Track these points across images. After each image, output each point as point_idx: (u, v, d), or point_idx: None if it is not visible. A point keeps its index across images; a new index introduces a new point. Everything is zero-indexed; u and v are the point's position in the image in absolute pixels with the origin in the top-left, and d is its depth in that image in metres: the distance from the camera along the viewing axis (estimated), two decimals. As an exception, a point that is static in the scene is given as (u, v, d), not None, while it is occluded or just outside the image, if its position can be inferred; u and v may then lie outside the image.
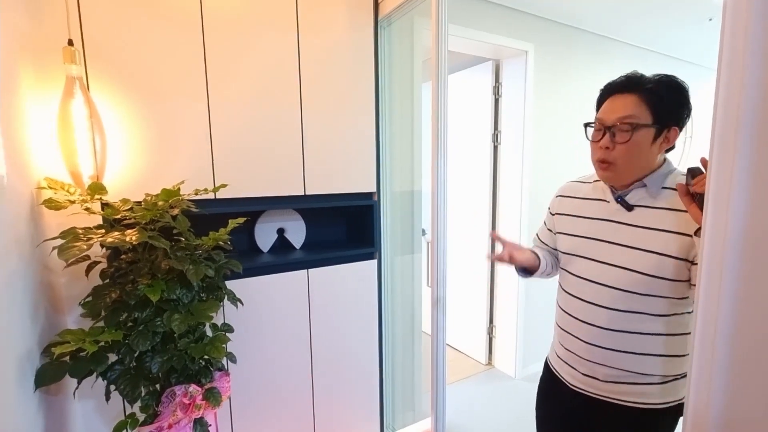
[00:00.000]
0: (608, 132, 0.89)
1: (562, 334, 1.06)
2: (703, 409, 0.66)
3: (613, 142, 0.89)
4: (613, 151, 0.89)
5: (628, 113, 0.87)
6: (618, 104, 0.89)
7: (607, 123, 0.89)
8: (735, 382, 0.62)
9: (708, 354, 0.65)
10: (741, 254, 0.61)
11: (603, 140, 0.90)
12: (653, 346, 0.90)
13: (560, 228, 1.09)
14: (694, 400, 0.67)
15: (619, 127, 0.87)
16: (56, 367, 0.92)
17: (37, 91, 1.10)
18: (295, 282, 1.57)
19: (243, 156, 1.41)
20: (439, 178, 1.37)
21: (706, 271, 0.64)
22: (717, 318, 0.63)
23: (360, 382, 1.78)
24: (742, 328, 0.61)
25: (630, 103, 0.87)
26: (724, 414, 0.63)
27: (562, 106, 2.51)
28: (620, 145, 0.88)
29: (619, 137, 0.88)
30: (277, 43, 1.43)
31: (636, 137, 0.86)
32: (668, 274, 0.86)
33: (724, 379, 0.63)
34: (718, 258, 0.63)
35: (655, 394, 0.92)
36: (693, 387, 0.68)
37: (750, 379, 0.60)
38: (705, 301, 0.65)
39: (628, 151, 0.88)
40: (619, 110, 0.88)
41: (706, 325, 0.65)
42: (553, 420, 1.13)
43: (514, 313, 2.57)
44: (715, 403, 0.64)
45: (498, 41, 2.17)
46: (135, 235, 0.94)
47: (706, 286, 0.64)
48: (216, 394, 1.10)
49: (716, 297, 0.63)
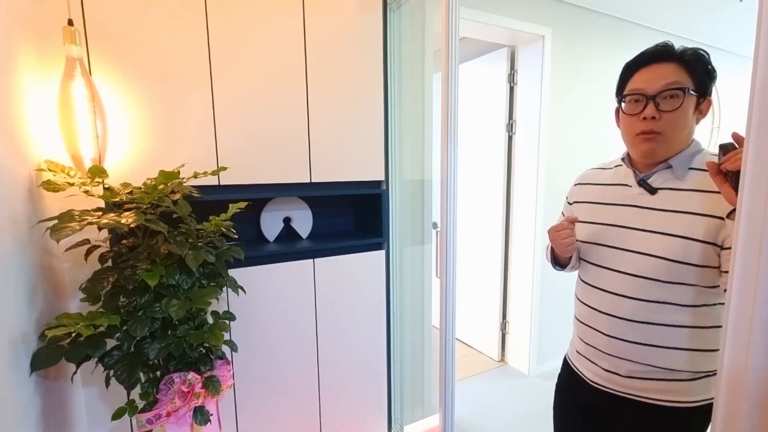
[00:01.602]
0: (651, 101, 0.83)
1: (582, 327, 0.99)
2: (733, 412, 0.60)
3: (659, 111, 0.82)
4: (660, 121, 0.83)
5: (675, 79, 0.81)
6: (660, 72, 0.83)
7: (651, 92, 0.83)
8: None
9: (742, 350, 0.58)
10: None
11: (647, 110, 0.83)
12: (680, 339, 0.84)
13: (579, 217, 1.02)
14: (725, 401, 0.61)
15: (668, 94, 0.81)
16: (52, 351, 0.90)
17: (38, 72, 1.09)
18: (301, 271, 1.54)
19: (247, 142, 1.37)
20: (449, 168, 1.32)
21: (741, 256, 0.58)
22: (753, 310, 0.57)
23: (367, 375, 1.74)
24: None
25: (672, 70, 0.82)
26: (760, 407, 0.57)
27: (581, 93, 2.41)
28: (668, 114, 0.82)
29: (666, 105, 0.82)
30: (282, 24, 1.39)
31: (685, 104, 0.81)
32: (695, 260, 0.79)
33: (758, 377, 0.57)
34: (755, 243, 0.56)
35: (682, 392, 0.86)
36: (723, 386, 0.61)
37: None
38: (739, 290, 0.58)
39: (675, 120, 0.82)
40: (665, 77, 0.82)
41: (739, 316, 0.58)
42: (571, 419, 1.07)
43: (528, 308, 2.49)
44: (747, 404, 0.58)
45: (513, 25, 2.08)
46: (132, 217, 0.92)
47: (741, 273, 0.58)
48: (215, 382, 1.07)
49: (753, 286, 0.57)
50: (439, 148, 1.35)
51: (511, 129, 2.47)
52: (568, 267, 1.07)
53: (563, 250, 0.98)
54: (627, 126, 0.90)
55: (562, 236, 0.97)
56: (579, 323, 1.01)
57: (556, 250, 1.02)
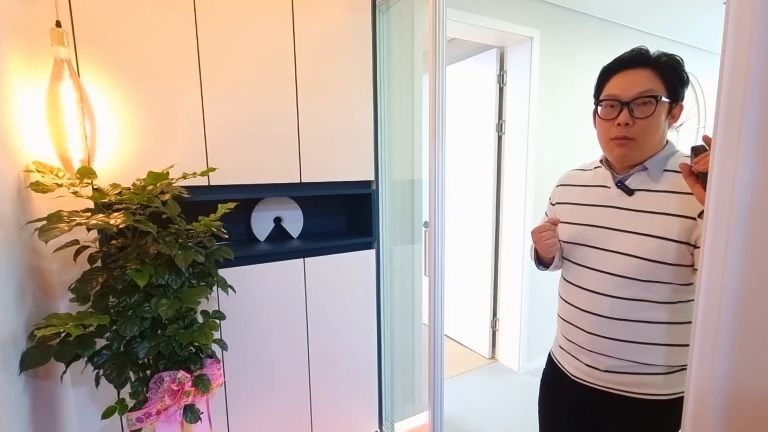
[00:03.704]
0: (626, 108, 0.85)
1: (565, 325, 1.02)
2: (704, 398, 0.62)
3: (632, 118, 0.85)
4: (633, 127, 0.86)
5: (648, 87, 0.84)
6: (634, 79, 0.86)
7: (625, 98, 0.86)
8: (738, 369, 0.58)
9: (710, 340, 0.61)
10: (746, 235, 0.57)
11: (621, 116, 0.86)
12: (656, 335, 0.87)
13: (561, 217, 1.05)
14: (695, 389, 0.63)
15: (641, 101, 0.84)
16: (41, 351, 0.91)
17: (27, 74, 1.09)
18: (292, 271, 1.55)
19: (237, 142, 1.38)
20: (437, 167, 1.33)
21: (709, 252, 0.60)
22: (720, 303, 0.59)
23: (358, 372, 1.76)
24: (746, 314, 0.57)
25: (646, 78, 0.85)
26: (727, 404, 0.59)
27: (569, 94, 2.45)
28: (641, 120, 0.85)
29: (639, 112, 0.85)
30: (271, 25, 1.40)
31: (658, 111, 0.84)
32: (670, 259, 0.82)
33: (726, 366, 0.59)
34: (721, 239, 0.59)
35: (658, 385, 0.89)
36: (694, 375, 0.64)
37: (754, 366, 0.56)
38: (707, 284, 0.61)
39: (648, 126, 0.85)
40: (638, 84, 0.85)
41: (708, 309, 0.61)
42: (556, 412, 1.10)
43: (518, 306, 2.53)
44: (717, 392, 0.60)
45: (502, 27, 2.11)
46: (120, 218, 0.93)
47: (708, 268, 0.60)
48: (205, 381, 1.09)
49: (719, 280, 0.59)
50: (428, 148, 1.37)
51: (500, 129, 2.49)
52: (551, 267, 1.10)
53: (546, 251, 1.01)
54: (602, 130, 0.93)
55: (545, 237, 0.99)
56: (561, 320, 1.04)
57: (539, 251, 1.04)
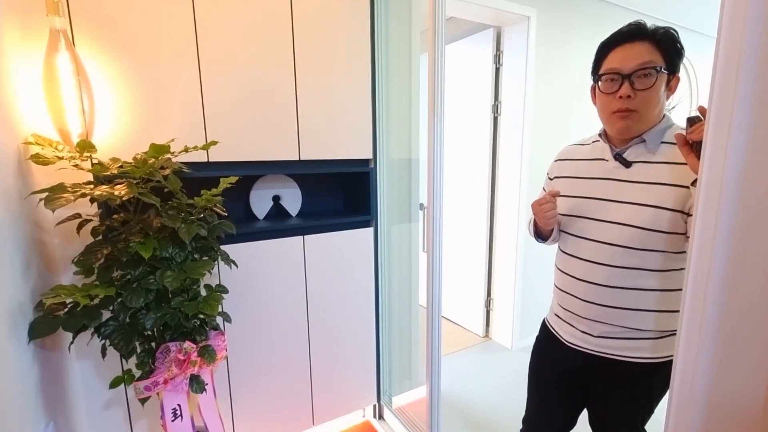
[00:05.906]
0: (626, 80, 0.87)
1: (561, 294, 1.06)
2: (692, 361, 0.66)
3: (633, 90, 0.87)
4: (635, 99, 0.88)
5: (648, 58, 0.85)
6: (634, 51, 0.87)
7: (626, 71, 0.87)
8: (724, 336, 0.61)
9: (699, 305, 0.64)
10: (737, 203, 0.59)
11: (623, 89, 0.88)
12: (649, 301, 0.91)
13: (560, 191, 1.08)
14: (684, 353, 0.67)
15: (642, 73, 0.86)
16: (49, 321, 0.92)
17: (23, 45, 1.07)
18: (291, 248, 1.57)
19: (235, 119, 1.38)
20: (436, 147, 1.35)
21: (701, 219, 0.63)
22: (709, 269, 0.62)
23: (356, 348, 1.80)
24: (735, 281, 0.60)
25: (645, 50, 0.86)
26: (713, 367, 0.63)
27: (565, 74, 2.46)
28: (642, 92, 0.87)
29: (640, 84, 0.87)
30: (269, 0, 1.38)
31: (658, 82, 0.86)
32: (664, 227, 0.85)
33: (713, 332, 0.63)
34: (713, 206, 0.61)
35: (649, 349, 0.93)
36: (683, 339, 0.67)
37: (741, 332, 0.59)
38: (699, 251, 0.63)
39: (649, 97, 0.87)
40: (638, 57, 0.86)
41: (698, 275, 0.64)
42: (546, 376, 1.15)
43: (511, 286, 2.58)
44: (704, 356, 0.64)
45: (499, 5, 2.10)
46: (124, 189, 0.93)
47: (700, 235, 0.63)
48: (211, 351, 1.11)
49: (710, 247, 0.62)
50: (425, 128, 1.38)
51: (496, 110, 2.50)
52: (549, 239, 1.13)
53: (545, 222, 1.04)
54: (603, 104, 0.95)
55: (545, 209, 1.02)
56: (558, 290, 1.08)
57: (538, 223, 1.07)
